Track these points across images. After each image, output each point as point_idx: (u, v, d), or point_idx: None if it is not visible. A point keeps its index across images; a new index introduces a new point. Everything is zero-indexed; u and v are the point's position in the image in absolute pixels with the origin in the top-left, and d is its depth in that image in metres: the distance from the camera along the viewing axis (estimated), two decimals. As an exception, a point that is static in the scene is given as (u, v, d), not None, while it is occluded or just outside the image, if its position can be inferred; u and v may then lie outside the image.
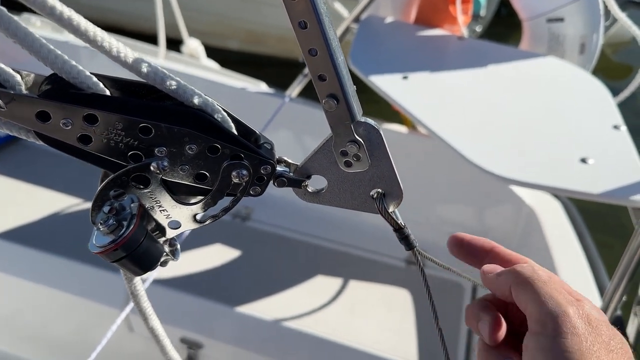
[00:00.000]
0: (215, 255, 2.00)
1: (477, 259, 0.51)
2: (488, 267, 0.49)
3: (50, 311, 1.88)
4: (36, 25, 2.72)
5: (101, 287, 1.73)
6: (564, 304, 0.41)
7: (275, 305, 1.80)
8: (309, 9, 0.39)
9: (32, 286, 1.77)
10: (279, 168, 0.50)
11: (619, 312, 1.34)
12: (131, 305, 1.35)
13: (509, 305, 0.48)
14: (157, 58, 2.76)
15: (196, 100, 0.44)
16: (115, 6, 5.16)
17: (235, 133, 0.46)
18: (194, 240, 1.71)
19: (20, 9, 0.62)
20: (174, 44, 3.07)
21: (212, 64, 3.09)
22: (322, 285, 1.94)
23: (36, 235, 1.92)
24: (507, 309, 0.48)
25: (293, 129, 2.34)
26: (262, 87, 2.55)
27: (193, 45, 3.12)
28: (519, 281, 0.44)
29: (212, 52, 3.28)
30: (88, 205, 2.17)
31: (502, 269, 0.47)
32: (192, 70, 2.53)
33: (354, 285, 1.96)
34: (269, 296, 1.84)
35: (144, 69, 0.42)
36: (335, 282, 1.96)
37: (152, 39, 3.11)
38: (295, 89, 2.29)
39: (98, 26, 0.40)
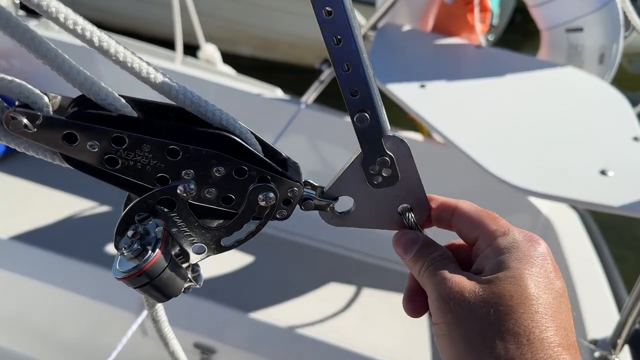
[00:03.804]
0: (229, 261, 2.00)
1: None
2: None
3: (64, 313, 1.89)
4: (54, 30, 2.74)
5: (116, 290, 1.74)
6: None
7: (289, 312, 1.79)
8: (344, 27, 0.40)
9: (46, 288, 1.78)
10: (305, 191, 0.49)
11: (637, 326, 1.32)
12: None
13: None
14: (174, 63, 2.77)
15: (224, 122, 0.44)
16: (130, 11, 5.20)
17: (262, 155, 0.45)
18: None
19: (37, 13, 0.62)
20: (190, 49, 3.08)
21: (228, 70, 3.10)
22: (336, 293, 1.93)
23: (51, 238, 1.93)
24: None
25: (309, 136, 2.34)
26: (278, 93, 2.56)
27: (209, 50, 3.12)
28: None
29: (224, 58, 3.29)
30: (104, 208, 2.16)
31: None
32: (208, 75, 2.54)
33: (368, 293, 1.95)
34: (283, 302, 1.84)
35: (173, 91, 0.42)
36: (349, 290, 1.95)
37: (166, 44, 3.13)
38: (311, 96, 2.28)
39: (113, 31, 0.40)
